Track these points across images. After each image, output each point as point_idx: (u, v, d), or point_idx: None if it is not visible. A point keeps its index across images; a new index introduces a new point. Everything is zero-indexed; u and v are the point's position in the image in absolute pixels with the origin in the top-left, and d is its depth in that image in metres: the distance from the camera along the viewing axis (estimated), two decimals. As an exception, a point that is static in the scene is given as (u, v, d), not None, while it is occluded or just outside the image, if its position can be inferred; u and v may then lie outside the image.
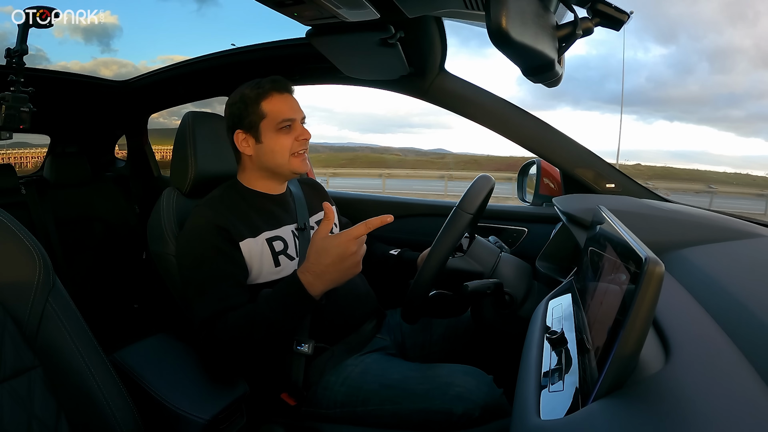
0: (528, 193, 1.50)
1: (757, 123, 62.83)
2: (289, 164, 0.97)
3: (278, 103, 0.96)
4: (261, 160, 0.98)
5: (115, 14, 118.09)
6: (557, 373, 0.52)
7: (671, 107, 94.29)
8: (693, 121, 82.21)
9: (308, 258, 0.78)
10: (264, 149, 0.96)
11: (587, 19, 0.60)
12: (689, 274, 0.68)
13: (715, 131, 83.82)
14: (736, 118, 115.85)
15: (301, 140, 0.97)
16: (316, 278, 0.77)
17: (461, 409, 0.81)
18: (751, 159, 41.88)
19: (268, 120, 0.95)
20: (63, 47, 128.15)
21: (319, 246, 0.77)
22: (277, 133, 0.95)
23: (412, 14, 0.91)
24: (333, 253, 0.75)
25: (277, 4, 0.85)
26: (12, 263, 0.65)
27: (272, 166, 0.98)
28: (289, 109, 0.96)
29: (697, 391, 0.38)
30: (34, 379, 0.63)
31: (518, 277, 1.01)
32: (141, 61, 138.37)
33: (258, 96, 0.96)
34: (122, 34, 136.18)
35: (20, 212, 1.68)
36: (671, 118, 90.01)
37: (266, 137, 0.96)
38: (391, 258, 1.16)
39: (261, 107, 0.95)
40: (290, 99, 0.98)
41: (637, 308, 0.37)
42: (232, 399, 0.82)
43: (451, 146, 51.36)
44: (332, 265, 0.76)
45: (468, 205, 0.87)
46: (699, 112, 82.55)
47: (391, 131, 70.47)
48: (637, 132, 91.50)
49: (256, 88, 0.96)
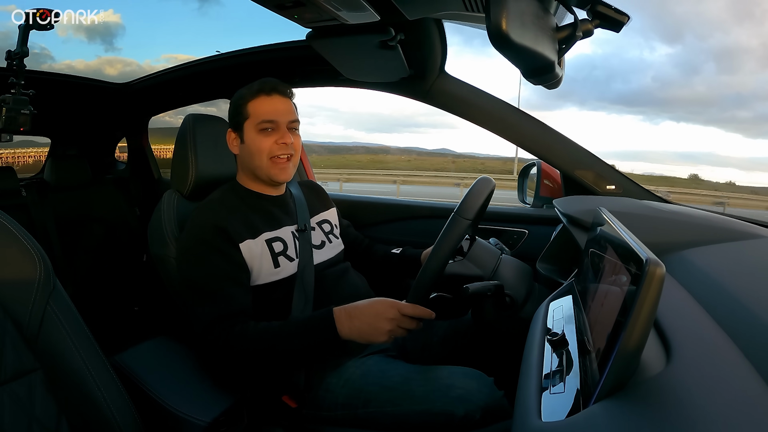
0: (528, 194, 1.50)
1: (764, 124, 63.09)
2: (267, 168, 0.97)
3: (262, 104, 0.96)
4: (244, 160, 0.99)
5: (117, 13, 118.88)
6: (558, 374, 0.52)
7: (678, 108, 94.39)
8: (700, 122, 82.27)
9: (357, 304, 0.82)
10: (245, 149, 0.97)
11: (587, 21, 0.60)
12: (690, 275, 0.68)
13: (723, 132, 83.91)
14: (743, 119, 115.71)
15: (280, 144, 0.95)
16: (348, 320, 0.80)
17: (462, 411, 0.81)
18: (758, 161, 41.89)
19: (251, 120, 0.96)
20: (67, 46, 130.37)
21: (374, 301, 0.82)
22: (258, 134, 0.95)
23: (412, 16, 0.91)
24: (374, 306, 0.80)
25: (277, 6, 0.85)
26: (12, 265, 0.65)
27: (252, 168, 0.99)
28: (272, 111, 0.95)
29: (698, 392, 0.38)
30: (34, 382, 0.63)
31: (519, 278, 1.01)
32: (145, 59, 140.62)
33: (246, 96, 0.97)
34: (125, 33, 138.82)
35: (21, 214, 1.68)
36: (678, 119, 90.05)
37: (248, 137, 0.96)
38: (393, 257, 1.16)
39: (247, 107, 0.96)
40: (276, 101, 0.97)
41: (638, 309, 0.37)
42: (233, 401, 0.82)
43: (455, 146, 51.49)
44: (366, 316, 0.80)
45: (466, 211, 0.86)
46: (706, 113, 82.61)
47: (398, 131, 70.73)
48: (643, 133, 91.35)
49: (248, 89, 0.98)
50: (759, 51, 64.05)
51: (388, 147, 37.80)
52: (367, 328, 0.79)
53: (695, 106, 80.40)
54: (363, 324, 0.79)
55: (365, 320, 0.79)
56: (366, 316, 0.80)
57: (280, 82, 0.99)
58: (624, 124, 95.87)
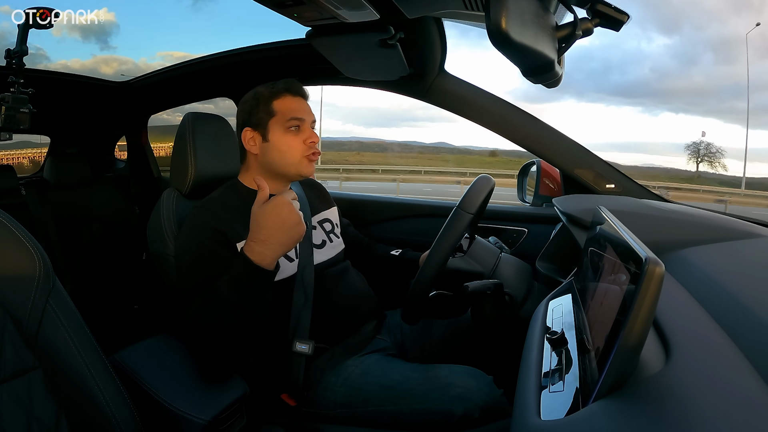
0: (528, 193, 1.50)
1: (763, 115, 61.78)
2: (298, 165, 0.97)
3: (290, 102, 0.96)
4: (266, 159, 0.97)
5: (112, 11, 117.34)
6: (557, 373, 0.52)
7: (676, 99, 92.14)
8: (698, 113, 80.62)
9: (250, 228, 0.77)
10: (270, 148, 0.96)
11: (587, 20, 0.60)
12: (689, 274, 0.68)
13: (721, 123, 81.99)
14: (742, 110, 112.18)
15: (309, 143, 0.96)
16: (263, 246, 0.76)
17: (461, 410, 0.81)
18: (757, 152, 41.40)
19: (278, 118, 0.95)
20: (62, 45, 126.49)
21: (256, 214, 0.77)
22: (285, 132, 0.95)
23: (411, 15, 0.91)
24: (271, 214, 0.76)
25: (276, 4, 0.85)
26: (12, 264, 0.65)
27: (277, 166, 0.97)
28: (300, 109, 0.97)
29: (697, 391, 0.38)
30: (34, 380, 0.63)
31: (518, 277, 1.01)
32: (141, 57, 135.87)
33: (271, 95, 0.96)
34: (119, 31, 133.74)
35: (20, 213, 1.67)
36: (677, 110, 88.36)
37: (274, 135, 0.95)
38: (392, 259, 1.16)
39: (272, 105, 0.96)
40: (302, 101, 0.99)
41: (638, 308, 0.37)
42: (232, 399, 0.82)
43: (453, 140, 51.40)
44: (274, 227, 0.76)
45: (468, 205, 0.88)
46: (704, 104, 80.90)
47: (396, 125, 69.84)
48: (643, 124, 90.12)
49: (271, 87, 0.97)
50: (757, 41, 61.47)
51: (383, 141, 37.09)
52: (285, 236, 0.76)
53: (694, 97, 79.13)
54: (279, 236, 0.76)
55: (278, 231, 0.76)
56: (274, 227, 0.76)
57: (301, 84, 1.00)
58: (623, 116, 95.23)
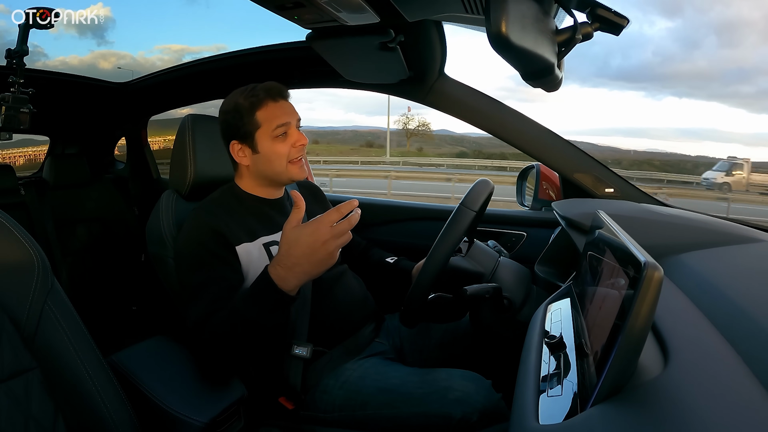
0: (527, 197, 1.50)
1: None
2: (286, 171, 0.96)
3: (273, 110, 0.94)
4: (258, 169, 0.97)
5: (107, 6, 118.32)
6: (556, 377, 0.52)
7: (680, 83, 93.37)
8: (702, 97, 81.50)
9: (279, 250, 0.73)
10: (261, 159, 0.95)
11: (587, 24, 0.60)
12: (688, 278, 0.68)
13: (726, 107, 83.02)
14: (746, 94, 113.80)
15: (298, 146, 0.95)
16: (288, 272, 0.72)
17: (460, 414, 0.81)
18: (762, 136, 41.52)
19: (264, 129, 0.93)
20: (59, 42, 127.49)
21: (289, 237, 0.72)
22: (273, 141, 0.93)
23: (412, 18, 0.91)
24: (304, 243, 0.70)
25: (277, 7, 0.85)
26: (10, 264, 0.65)
27: (270, 174, 0.97)
28: (284, 114, 0.94)
29: (695, 395, 0.38)
30: (31, 381, 0.63)
31: (517, 281, 1.01)
32: (139, 51, 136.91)
33: (252, 105, 0.93)
34: (116, 26, 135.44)
35: (19, 213, 1.67)
36: (680, 95, 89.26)
37: (262, 146, 0.94)
38: (386, 266, 1.15)
39: (256, 117, 0.93)
40: (283, 104, 0.96)
41: (636, 313, 0.37)
42: (230, 402, 0.82)
43: (455, 128, 51.29)
44: (303, 257, 0.71)
45: (472, 203, 0.88)
46: (708, 88, 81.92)
47: (398, 113, 69.19)
48: (646, 109, 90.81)
49: (251, 96, 0.94)
50: (761, 23, 63.22)
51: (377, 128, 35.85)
52: (312, 266, 0.71)
53: (697, 80, 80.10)
54: (306, 265, 0.71)
55: (306, 260, 0.71)
56: (304, 256, 0.71)
57: (281, 86, 0.97)
58: (626, 101, 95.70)
